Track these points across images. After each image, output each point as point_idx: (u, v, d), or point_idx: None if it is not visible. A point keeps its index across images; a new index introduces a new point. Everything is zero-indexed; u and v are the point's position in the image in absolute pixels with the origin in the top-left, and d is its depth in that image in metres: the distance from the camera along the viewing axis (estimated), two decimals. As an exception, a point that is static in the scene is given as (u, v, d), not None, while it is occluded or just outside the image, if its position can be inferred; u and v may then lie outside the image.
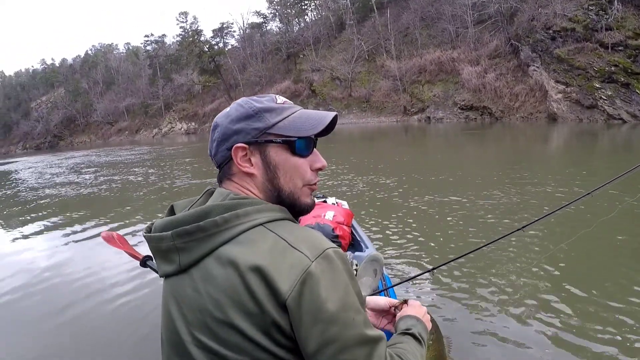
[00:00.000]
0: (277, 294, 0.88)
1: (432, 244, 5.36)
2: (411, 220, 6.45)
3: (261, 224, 0.98)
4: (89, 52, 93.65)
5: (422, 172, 10.45)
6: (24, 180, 20.56)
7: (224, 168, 1.10)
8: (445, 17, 37.02)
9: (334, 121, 1.12)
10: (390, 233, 5.90)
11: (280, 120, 1.08)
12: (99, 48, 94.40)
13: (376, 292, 2.60)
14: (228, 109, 1.12)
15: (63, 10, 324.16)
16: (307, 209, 1.14)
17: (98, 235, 7.34)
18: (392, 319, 1.44)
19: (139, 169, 18.71)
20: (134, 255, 2.23)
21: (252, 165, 1.07)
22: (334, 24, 52.84)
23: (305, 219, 3.84)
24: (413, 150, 17.38)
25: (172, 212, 1.13)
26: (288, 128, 1.07)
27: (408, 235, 5.72)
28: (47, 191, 14.56)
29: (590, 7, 25.15)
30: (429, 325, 1.33)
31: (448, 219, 6.38)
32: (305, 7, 58.61)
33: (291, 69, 51.64)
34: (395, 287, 2.90)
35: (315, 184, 1.15)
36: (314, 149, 1.13)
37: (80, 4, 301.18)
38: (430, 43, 38.28)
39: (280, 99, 1.13)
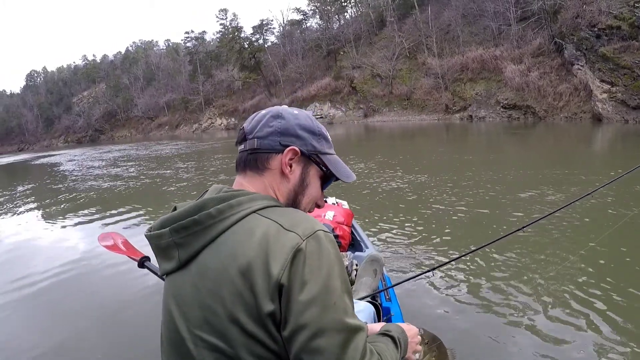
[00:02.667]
0: (271, 277, 0.92)
1: (434, 244, 5.32)
2: (416, 219, 6.46)
3: (254, 212, 1.03)
4: (130, 48, 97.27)
5: (448, 172, 10.11)
6: (65, 172, 21.77)
7: (259, 155, 1.14)
8: (488, 14, 36.94)
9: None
10: (392, 233, 5.90)
11: (329, 154, 1.21)
12: (139, 44, 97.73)
13: (376, 292, 2.64)
14: (297, 111, 1.19)
15: (104, 8, 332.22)
16: None
17: (127, 227, 7.86)
18: None
19: (175, 163, 19.22)
20: (132, 257, 2.41)
21: (291, 170, 1.15)
22: (374, 21, 53.35)
23: None
24: (450, 149, 16.91)
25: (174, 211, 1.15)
26: (332, 164, 1.20)
27: (409, 236, 5.72)
28: (85, 183, 15.37)
29: (637, 5, 24.58)
30: (417, 348, 1.37)
31: (454, 218, 6.38)
32: (345, 3, 59.10)
33: (331, 65, 52.24)
34: (395, 287, 2.86)
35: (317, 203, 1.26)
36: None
37: (121, 2, 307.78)
38: (472, 40, 38.29)
39: (329, 135, 1.24)
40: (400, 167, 11.73)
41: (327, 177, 1.22)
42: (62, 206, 11.00)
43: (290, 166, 1.14)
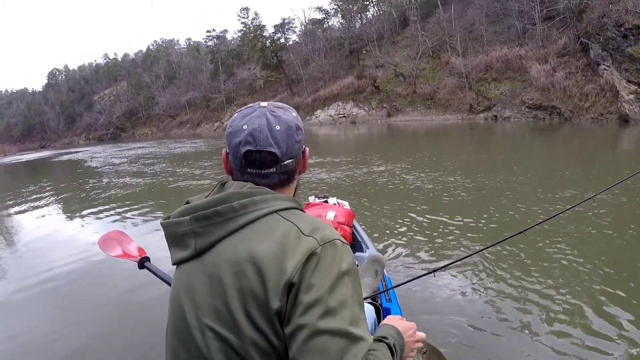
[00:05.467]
0: (284, 274, 0.96)
1: (436, 246, 5.32)
2: (418, 219, 6.50)
3: (276, 212, 1.07)
4: (151, 47, 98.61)
5: (457, 173, 10.10)
6: (86, 168, 22.46)
7: (292, 169, 1.21)
8: (512, 13, 36.99)
9: None
10: (394, 233, 5.91)
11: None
12: (160, 43, 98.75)
13: (377, 293, 2.65)
14: (283, 111, 1.22)
15: (125, 6, 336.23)
16: None
17: (140, 224, 8.06)
18: None
19: (195, 161, 19.51)
20: (131, 258, 2.40)
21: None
22: (396, 20, 53.73)
23: None
24: (471, 149, 16.85)
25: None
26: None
27: (411, 236, 5.73)
28: (105, 179, 15.84)
29: (665, 4, 24.51)
30: (415, 345, 1.32)
31: (457, 218, 6.35)
32: (367, 2, 59.34)
33: (354, 64, 52.52)
34: (395, 288, 2.88)
35: None
36: None
37: (142, 1, 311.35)
38: (496, 40, 38.40)
39: None
40: (410, 166, 11.93)
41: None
42: (81, 202, 11.38)
43: None
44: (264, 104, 1.24)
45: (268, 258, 0.99)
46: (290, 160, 1.18)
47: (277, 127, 1.16)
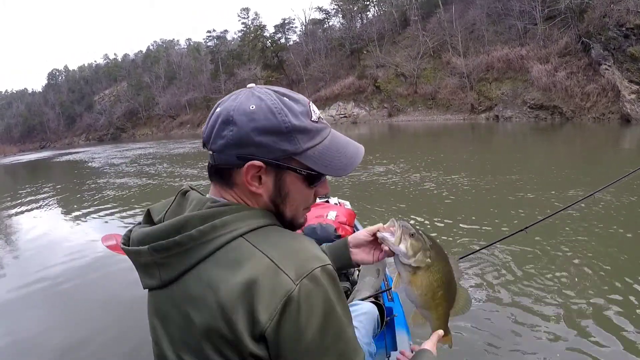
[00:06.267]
0: (256, 324, 0.84)
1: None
2: (420, 219, 6.55)
3: (241, 236, 0.92)
4: (151, 47, 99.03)
5: (460, 172, 10.14)
6: (86, 169, 22.62)
7: (224, 172, 0.99)
8: (513, 13, 37.01)
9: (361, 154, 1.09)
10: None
11: (311, 148, 0.98)
12: (160, 43, 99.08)
13: (379, 292, 2.62)
14: (253, 106, 0.94)
15: (125, 6, 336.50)
16: (298, 228, 1.10)
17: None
18: (380, 247, 1.44)
19: (193, 162, 19.74)
20: None
21: (261, 184, 0.98)
22: (397, 20, 53.87)
23: (308, 220, 4.61)
24: (473, 149, 16.95)
25: (148, 216, 1.07)
26: (317, 161, 0.99)
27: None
28: (105, 180, 15.89)
29: (667, 4, 24.53)
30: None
31: (459, 218, 6.41)
32: (368, 2, 59.51)
33: (355, 64, 52.65)
34: None
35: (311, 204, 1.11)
36: None
37: (142, 1, 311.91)
38: (497, 40, 38.43)
39: (316, 113, 1.01)
40: (411, 166, 11.99)
41: (317, 177, 1.03)
42: (80, 202, 11.36)
43: (260, 178, 0.98)
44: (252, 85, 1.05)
45: (235, 302, 0.86)
46: (213, 154, 0.99)
47: (215, 112, 0.99)
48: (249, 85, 1.02)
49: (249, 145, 0.93)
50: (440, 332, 1.43)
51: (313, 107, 1.02)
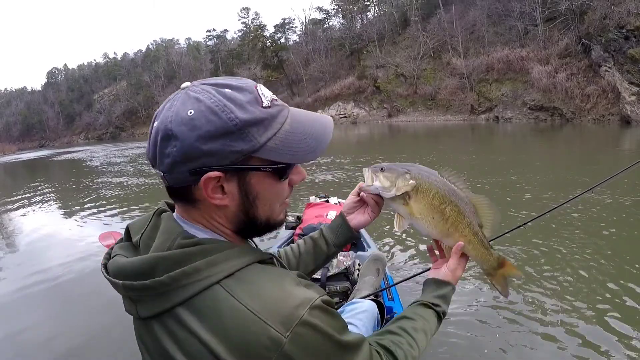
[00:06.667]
0: None
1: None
2: None
3: (217, 282, 0.84)
4: (150, 46, 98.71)
5: (463, 173, 9.83)
6: (85, 168, 22.52)
7: (182, 191, 0.90)
8: (514, 14, 37.05)
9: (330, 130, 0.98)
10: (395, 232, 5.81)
11: (271, 139, 0.87)
12: (160, 43, 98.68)
13: (379, 291, 2.63)
14: (192, 111, 0.83)
15: (125, 6, 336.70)
16: (279, 226, 1.02)
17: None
18: (365, 204, 1.45)
19: None
20: None
21: (224, 194, 0.89)
22: (397, 20, 53.95)
23: (308, 220, 3.95)
24: (472, 150, 16.88)
25: (128, 235, 1.00)
26: (281, 151, 0.89)
27: (412, 234, 5.71)
28: (104, 179, 15.87)
29: (667, 6, 24.61)
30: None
31: None
32: (368, 3, 59.62)
33: (355, 65, 52.71)
34: (397, 286, 2.86)
35: (288, 197, 1.01)
36: None
37: (141, 0, 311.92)
38: (497, 41, 38.44)
39: (266, 96, 0.89)
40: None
41: (285, 169, 0.94)
42: (80, 202, 11.28)
43: (222, 188, 0.89)
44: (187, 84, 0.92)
45: (226, 356, 0.80)
46: (164, 176, 0.89)
47: (153, 127, 0.89)
48: (182, 86, 0.91)
49: (199, 157, 0.84)
50: (459, 246, 1.31)
51: (262, 89, 0.90)
